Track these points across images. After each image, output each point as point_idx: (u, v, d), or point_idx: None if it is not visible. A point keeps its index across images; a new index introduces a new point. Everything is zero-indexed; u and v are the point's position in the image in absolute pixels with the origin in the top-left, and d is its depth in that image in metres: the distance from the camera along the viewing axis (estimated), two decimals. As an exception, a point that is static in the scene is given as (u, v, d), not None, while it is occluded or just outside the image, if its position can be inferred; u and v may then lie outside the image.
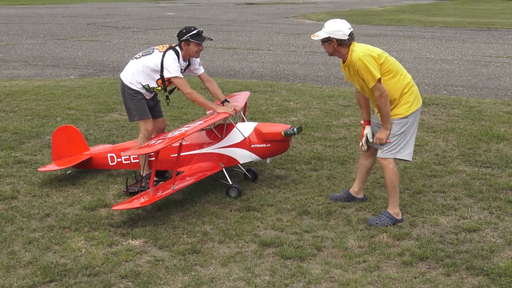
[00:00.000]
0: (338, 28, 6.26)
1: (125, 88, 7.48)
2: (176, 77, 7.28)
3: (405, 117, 6.35)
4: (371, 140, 6.66)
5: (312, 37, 6.50)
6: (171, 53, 7.31)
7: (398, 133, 6.35)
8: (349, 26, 6.33)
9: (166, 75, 7.27)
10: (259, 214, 6.68)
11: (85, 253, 5.76)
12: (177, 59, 7.31)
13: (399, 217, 6.43)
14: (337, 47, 6.30)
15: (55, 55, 20.29)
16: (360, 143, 6.78)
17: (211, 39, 7.63)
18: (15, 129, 10.12)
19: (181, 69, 7.45)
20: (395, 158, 6.44)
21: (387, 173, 6.42)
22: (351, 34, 6.27)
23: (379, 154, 6.47)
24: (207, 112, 8.06)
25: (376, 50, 6.29)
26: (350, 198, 7.00)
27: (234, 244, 5.96)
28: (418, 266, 5.52)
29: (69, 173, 8.00)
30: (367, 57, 6.15)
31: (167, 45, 7.46)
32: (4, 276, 5.34)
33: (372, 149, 6.80)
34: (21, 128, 10.23)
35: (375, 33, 27.35)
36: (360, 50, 6.23)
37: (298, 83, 14.84)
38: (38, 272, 5.37)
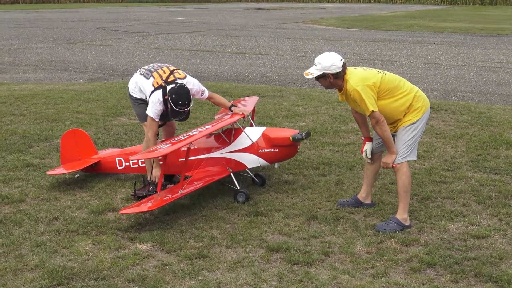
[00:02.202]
0: (331, 63, 6.22)
1: (130, 95, 7.54)
2: (150, 117, 7.17)
3: (415, 122, 6.38)
4: (369, 157, 6.77)
5: (305, 76, 6.38)
6: (158, 94, 7.11)
7: (409, 138, 6.38)
8: (340, 57, 6.30)
9: (147, 111, 7.17)
10: (267, 219, 6.67)
11: (92, 257, 5.76)
12: (161, 103, 7.12)
13: (407, 223, 6.40)
14: (334, 80, 6.31)
15: (64, 59, 20.38)
16: (364, 157, 6.86)
17: (186, 119, 7.39)
18: (24, 133, 10.16)
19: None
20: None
21: (400, 176, 6.41)
22: (344, 65, 6.27)
23: (395, 161, 6.44)
24: (216, 116, 8.07)
25: (371, 77, 6.26)
26: (358, 204, 6.98)
27: (241, 249, 5.95)
28: (426, 272, 5.49)
29: (77, 177, 8.02)
30: (363, 88, 6.17)
31: (167, 74, 7.27)
32: (11, 279, 5.35)
33: (376, 153, 6.81)
34: (30, 131, 10.26)
35: (385, 39, 27.32)
36: (354, 81, 6.21)
37: (306, 88, 14.83)
38: (46, 276, 5.37)
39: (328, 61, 6.23)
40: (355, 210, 6.89)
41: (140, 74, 7.44)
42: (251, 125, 7.75)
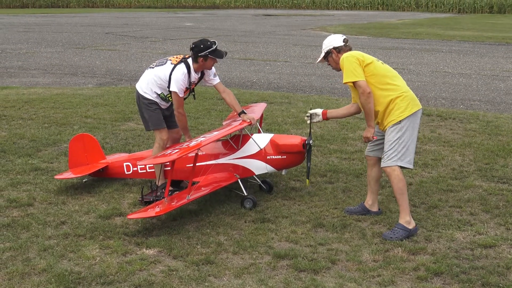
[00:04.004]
0: (330, 39, 6.71)
1: (140, 98, 7.53)
2: (175, 93, 7.32)
3: (399, 122, 6.39)
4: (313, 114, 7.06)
5: (316, 62, 6.97)
6: (182, 67, 7.34)
7: (394, 139, 6.39)
8: (342, 35, 6.74)
9: (170, 87, 7.31)
10: (274, 226, 6.67)
11: (99, 262, 5.77)
12: (186, 74, 7.33)
13: (411, 226, 6.38)
14: (337, 56, 6.62)
15: (73, 64, 20.46)
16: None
17: (227, 53, 7.67)
18: (32, 137, 10.20)
19: (193, 82, 7.48)
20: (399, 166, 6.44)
21: (393, 180, 6.43)
22: (345, 40, 6.65)
23: (382, 164, 6.51)
24: (224, 122, 8.08)
25: (359, 54, 6.52)
26: (365, 211, 6.98)
27: (248, 256, 5.95)
28: (433, 281, 5.48)
29: (85, 181, 8.04)
30: (347, 58, 6.44)
31: (182, 56, 7.49)
32: (19, 283, 5.37)
33: (373, 158, 6.86)
34: (39, 135, 10.31)
35: (393, 46, 27.31)
36: (347, 53, 6.53)
37: (314, 95, 14.84)
38: (53, 280, 5.39)
39: (328, 39, 6.75)
40: (362, 218, 6.89)
41: (152, 68, 7.51)
42: (259, 132, 7.76)
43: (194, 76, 7.44)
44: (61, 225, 6.68)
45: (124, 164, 7.90)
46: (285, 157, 7.36)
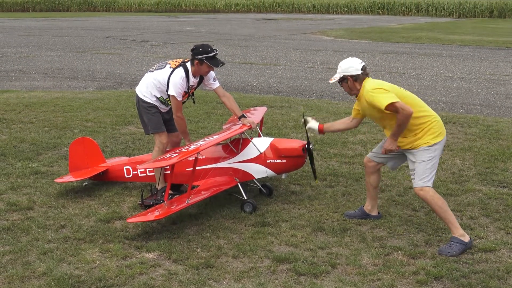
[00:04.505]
0: (349, 65, 6.46)
1: (140, 102, 7.55)
2: (174, 96, 7.33)
3: (432, 145, 6.31)
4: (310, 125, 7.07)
5: (330, 81, 6.74)
6: (180, 71, 7.35)
7: (428, 159, 6.29)
8: (360, 61, 6.51)
9: (169, 91, 7.32)
10: (274, 230, 6.66)
11: (99, 265, 5.77)
12: (184, 78, 7.35)
13: (467, 239, 6.18)
14: (352, 84, 6.48)
15: (73, 68, 20.48)
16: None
17: (224, 64, 7.64)
18: (32, 140, 10.21)
19: (192, 86, 7.49)
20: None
21: (431, 202, 6.23)
22: (363, 68, 6.45)
23: (414, 184, 6.32)
24: (224, 126, 8.08)
25: (387, 84, 6.39)
26: (365, 216, 6.97)
27: (248, 259, 5.95)
28: (433, 285, 5.48)
29: (85, 185, 8.04)
30: (375, 90, 6.28)
31: (181, 60, 7.51)
32: (18, 286, 5.37)
33: (372, 164, 6.83)
34: (39, 139, 10.31)
35: (393, 51, 27.33)
36: (370, 85, 6.38)
37: (315, 99, 14.84)
38: (52, 283, 5.39)
39: (347, 63, 6.50)
40: (362, 222, 6.89)
41: (151, 71, 7.53)
42: (259, 136, 7.76)
43: (193, 80, 7.45)
44: (61, 228, 6.68)
45: (124, 167, 7.90)
46: (285, 161, 7.36)
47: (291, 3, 74.93)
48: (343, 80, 6.51)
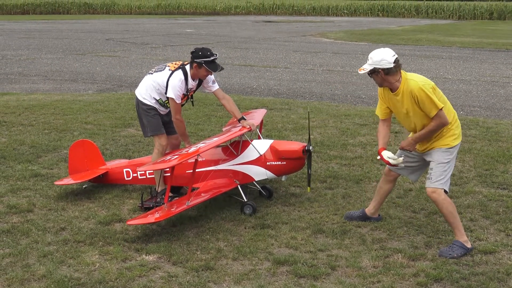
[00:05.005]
0: (381, 57, 6.14)
1: (139, 104, 7.56)
2: (172, 99, 7.33)
3: (451, 148, 6.25)
4: (396, 158, 6.41)
5: (359, 71, 6.30)
6: (179, 73, 7.36)
7: (446, 161, 6.22)
8: (393, 53, 6.22)
9: (167, 94, 7.33)
10: (274, 232, 6.66)
11: (99, 268, 5.77)
12: (183, 81, 7.35)
13: (469, 246, 6.19)
14: (385, 76, 6.17)
15: (73, 70, 20.48)
16: (395, 162, 6.40)
17: (223, 69, 7.62)
18: (32, 143, 10.21)
19: (191, 89, 7.50)
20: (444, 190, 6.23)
21: (442, 205, 6.19)
22: (396, 61, 6.16)
23: (428, 185, 6.23)
24: (223, 129, 8.09)
25: (430, 81, 6.24)
26: (365, 218, 6.97)
27: (248, 262, 5.94)
28: (433, 287, 5.47)
29: (85, 188, 8.04)
30: (428, 87, 6.08)
31: (180, 62, 7.51)
32: (18, 289, 5.37)
33: (393, 174, 6.74)
34: (39, 141, 10.31)
35: (393, 53, 27.30)
36: (420, 80, 6.14)
37: (314, 101, 14.84)
38: (52, 286, 5.39)
39: (379, 55, 6.17)
40: (362, 224, 6.88)
41: (151, 73, 7.54)
42: (259, 138, 7.76)
43: (191, 83, 7.45)
44: (60, 231, 6.67)
45: (124, 170, 7.90)
46: (285, 163, 7.36)
47: (291, 5, 74.95)
48: (373, 72, 6.19)
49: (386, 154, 6.38)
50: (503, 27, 50.31)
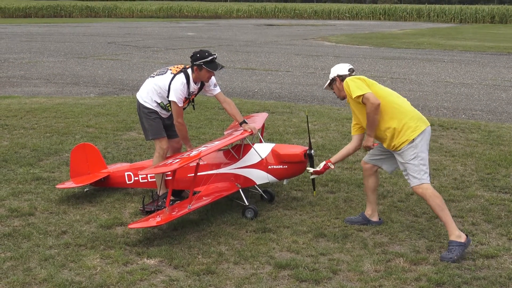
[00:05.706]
0: (337, 68, 6.76)
1: (140, 107, 7.56)
2: (174, 102, 7.34)
3: (412, 141, 6.36)
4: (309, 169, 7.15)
5: (323, 88, 7.13)
6: (181, 77, 7.36)
7: (412, 157, 6.35)
8: (349, 65, 6.78)
9: (169, 97, 7.33)
10: (275, 236, 6.65)
11: (100, 271, 5.76)
12: (185, 84, 7.36)
13: (463, 239, 6.18)
14: (340, 83, 6.67)
15: (75, 73, 20.51)
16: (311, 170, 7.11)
17: (223, 67, 7.65)
18: (34, 146, 10.21)
19: (193, 92, 7.51)
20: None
21: (429, 199, 6.28)
22: (351, 70, 6.70)
23: (412, 185, 6.40)
24: (225, 132, 8.08)
25: (365, 77, 6.59)
26: (366, 221, 6.96)
27: (249, 266, 5.93)
28: (434, 291, 5.46)
29: (86, 191, 8.04)
30: (352, 78, 6.54)
31: (182, 66, 7.52)
32: (19, 292, 5.36)
33: (371, 167, 6.89)
34: (40, 145, 10.31)
35: (394, 56, 27.35)
36: (350, 77, 6.62)
37: (316, 104, 14.85)
38: (53, 290, 5.38)
39: (335, 67, 6.79)
40: (364, 228, 6.87)
41: (152, 77, 7.55)
42: (260, 141, 7.76)
43: (193, 87, 7.45)
44: (62, 234, 6.67)
45: (126, 173, 7.90)
46: (286, 167, 7.35)
47: (293, 8, 75.08)
48: (332, 82, 6.74)
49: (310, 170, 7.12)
50: (505, 30, 50.31)
